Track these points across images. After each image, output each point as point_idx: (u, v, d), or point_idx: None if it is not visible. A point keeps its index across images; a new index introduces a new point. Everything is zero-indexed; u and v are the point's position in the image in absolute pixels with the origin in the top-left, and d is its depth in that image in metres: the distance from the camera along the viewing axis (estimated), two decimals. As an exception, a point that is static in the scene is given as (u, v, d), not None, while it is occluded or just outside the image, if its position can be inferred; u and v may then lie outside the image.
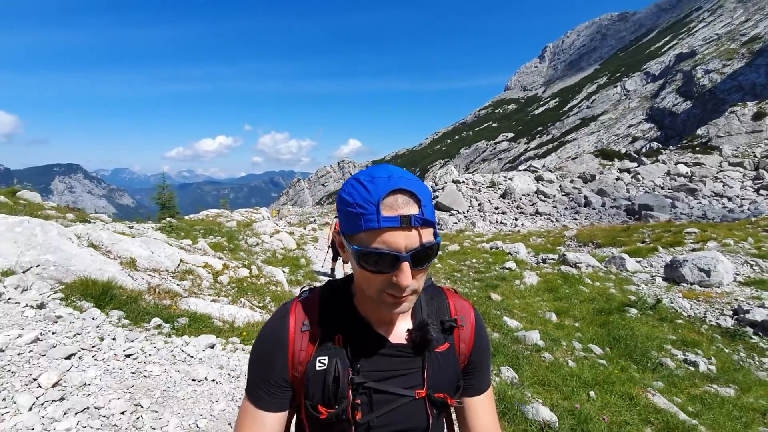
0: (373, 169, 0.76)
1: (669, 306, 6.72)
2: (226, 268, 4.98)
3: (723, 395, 3.99)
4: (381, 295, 0.75)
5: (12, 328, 2.43)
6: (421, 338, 0.85)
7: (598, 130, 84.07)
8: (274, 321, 0.89)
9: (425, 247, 0.71)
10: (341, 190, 0.77)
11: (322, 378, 0.82)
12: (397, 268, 0.70)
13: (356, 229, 0.71)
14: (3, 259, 3.26)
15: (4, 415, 1.84)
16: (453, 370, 0.91)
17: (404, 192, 0.71)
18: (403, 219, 0.69)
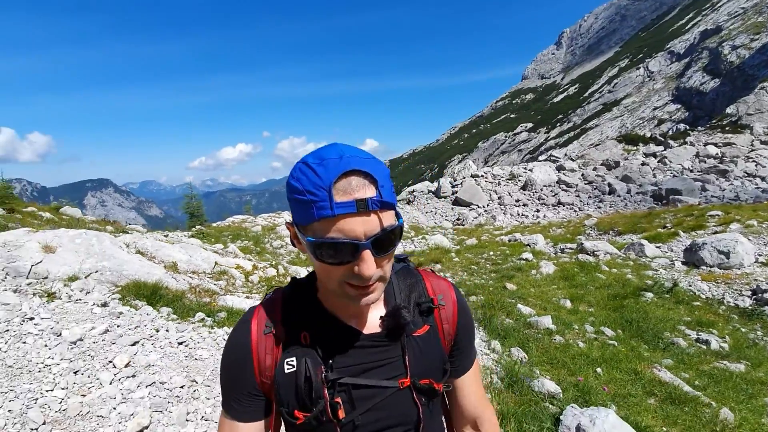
0: (323, 149, 0.69)
1: (687, 289, 6.78)
2: (256, 268, 5.47)
3: (732, 370, 4.14)
4: (344, 287, 0.70)
5: (86, 323, 2.91)
6: (395, 324, 0.80)
7: (621, 114, 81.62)
8: (236, 328, 0.83)
9: (387, 231, 0.66)
10: (289, 177, 0.70)
11: (293, 381, 0.77)
12: (357, 258, 0.65)
13: (309, 219, 0.65)
14: (68, 266, 3.78)
15: (91, 388, 2.30)
16: (437, 353, 0.87)
17: (358, 173, 0.64)
18: (359, 203, 0.63)
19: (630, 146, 37.44)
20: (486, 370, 3.46)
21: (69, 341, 2.62)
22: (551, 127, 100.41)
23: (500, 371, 3.44)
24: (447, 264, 8.46)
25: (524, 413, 2.86)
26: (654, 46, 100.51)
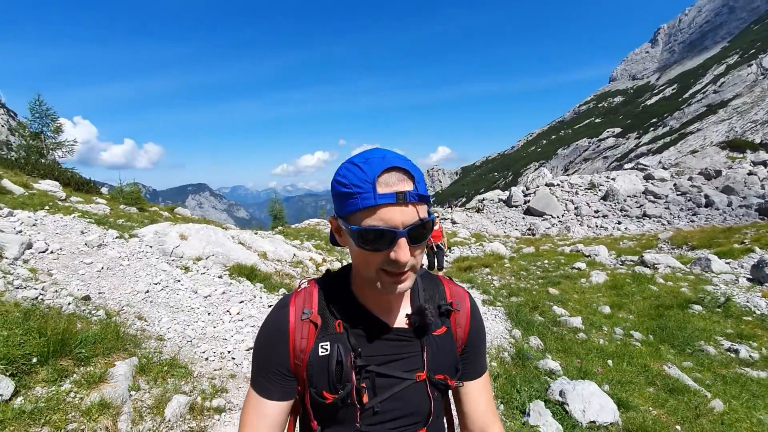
0: (366, 151, 0.77)
1: (743, 304, 6.65)
2: (325, 261, 6.72)
3: (751, 375, 4.33)
4: (380, 275, 0.76)
5: (210, 287, 4.29)
6: (420, 321, 0.86)
7: (729, 117, 72.59)
8: (274, 312, 0.89)
9: (422, 222, 0.73)
10: (335, 176, 0.78)
11: (325, 363, 0.83)
12: (395, 245, 0.71)
13: (353, 209, 0.72)
14: (195, 250, 5.30)
15: (217, 324, 3.59)
16: (451, 353, 0.93)
17: (398, 169, 0.72)
18: (398, 195, 0.70)
19: (735, 153, 33.41)
20: (500, 349, 4.20)
21: (202, 296, 3.99)
22: (643, 131, 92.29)
23: (512, 350, 4.16)
24: (496, 268, 9.04)
25: (522, 379, 3.60)
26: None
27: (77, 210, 7.67)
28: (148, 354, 2.65)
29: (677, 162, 36.24)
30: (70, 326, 2.41)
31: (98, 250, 4.38)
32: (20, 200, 8.36)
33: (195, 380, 2.62)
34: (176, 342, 3.09)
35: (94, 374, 2.22)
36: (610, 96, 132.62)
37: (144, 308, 3.48)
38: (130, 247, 4.74)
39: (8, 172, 11.93)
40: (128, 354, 2.53)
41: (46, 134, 18.29)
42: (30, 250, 3.86)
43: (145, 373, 2.45)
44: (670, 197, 26.45)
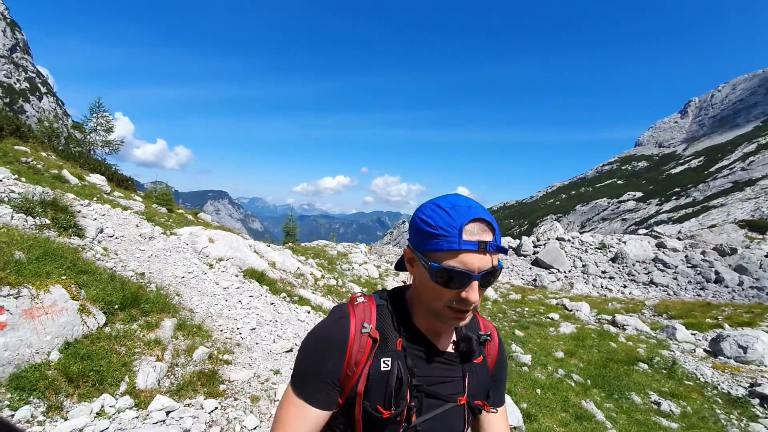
0: (451, 197, 0.86)
1: (690, 371, 7.37)
2: (323, 277, 7.83)
3: (661, 424, 5.15)
4: (445, 309, 0.83)
5: (228, 281, 5.47)
6: (467, 348, 0.94)
7: (756, 196, 71.82)
8: (332, 322, 0.93)
9: (494, 269, 0.81)
10: (420, 213, 0.86)
11: (385, 379, 0.86)
12: (468, 286, 0.79)
13: (436, 248, 0.80)
14: (219, 252, 6.53)
15: (231, 308, 4.73)
16: (486, 380, 1.01)
17: (482, 221, 0.80)
18: (480, 244, 0.78)
19: (755, 234, 33.14)
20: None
21: (222, 287, 5.16)
22: (665, 199, 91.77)
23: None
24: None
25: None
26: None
27: (119, 204, 9.05)
28: (184, 318, 3.78)
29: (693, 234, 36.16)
30: (140, 290, 3.60)
31: (149, 241, 5.65)
32: (75, 189, 9.83)
33: (213, 341, 3.74)
34: (201, 315, 4.23)
35: (152, 322, 3.37)
36: (634, 160, 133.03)
37: (180, 288, 4.66)
38: (171, 242, 6.00)
39: (67, 164, 13.67)
40: (171, 315, 3.67)
41: (99, 132, 20.40)
42: (102, 234, 5.13)
43: (181, 330, 3.58)
44: (679, 268, 26.34)
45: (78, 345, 2.78)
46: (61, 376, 2.53)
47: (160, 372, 2.92)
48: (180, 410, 2.61)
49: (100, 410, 2.40)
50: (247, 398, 3.06)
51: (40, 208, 4.37)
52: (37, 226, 4.12)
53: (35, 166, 10.84)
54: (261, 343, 4.14)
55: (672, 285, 24.41)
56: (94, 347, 2.82)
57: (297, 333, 4.80)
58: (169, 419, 2.51)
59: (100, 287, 3.31)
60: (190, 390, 2.91)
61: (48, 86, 60.92)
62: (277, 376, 3.56)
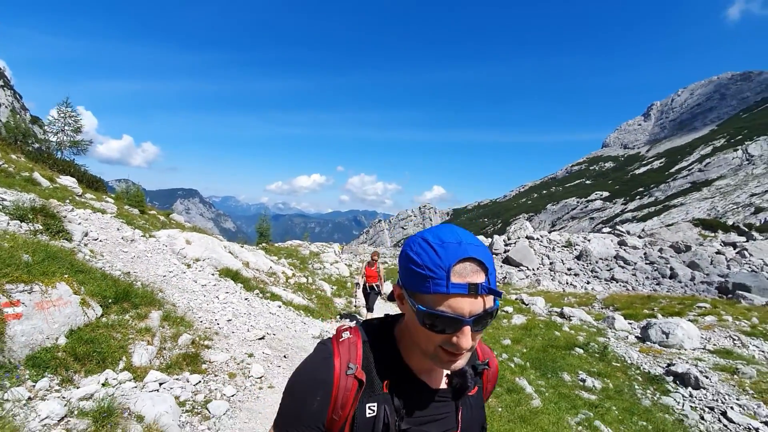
0: (441, 231, 0.79)
1: (620, 354, 8.43)
2: (294, 275, 8.45)
3: (581, 396, 6.09)
4: (437, 351, 0.78)
5: (205, 280, 6.04)
6: (461, 384, 0.90)
7: (712, 196, 76.42)
8: (316, 361, 0.89)
9: (487, 312, 0.75)
10: (408, 248, 0.81)
11: (371, 424, 0.84)
12: (459, 330, 0.74)
13: (423, 290, 0.75)
14: (196, 253, 7.05)
15: (210, 303, 5.33)
16: (481, 412, 0.99)
17: (473, 260, 0.74)
18: (471, 287, 0.72)
19: (707, 232, 35.31)
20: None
21: (200, 285, 5.73)
22: (629, 198, 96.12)
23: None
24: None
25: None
26: (756, 129, 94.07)
27: (92, 207, 9.36)
28: (168, 311, 4.35)
29: (652, 232, 38.32)
30: (129, 286, 4.16)
31: (131, 243, 6.13)
32: (47, 192, 10.03)
33: (194, 330, 4.33)
34: (183, 309, 4.80)
35: (141, 314, 3.95)
36: (601, 160, 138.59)
37: (163, 285, 5.20)
38: (150, 244, 6.49)
39: (37, 166, 13.66)
40: (157, 308, 4.24)
41: (67, 132, 20.16)
42: (86, 237, 5.59)
43: (167, 321, 4.16)
44: (638, 265, 27.85)
45: (81, 332, 3.36)
46: (69, 356, 3.11)
47: (152, 353, 3.53)
48: (170, 382, 3.23)
49: (105, 381, 2.99)
50: (225, 375, 3.70)
51: (31, 214, 4.83)
52: (31, 232, 4.58)
53: (6, 169, 10.96)
54: (237, 332, 4.77)
55: (631, 281, 25.95)
56: (95, 334, 3.40)
57: (269, 324, 5.44)
58: (162, 389, 3.13)
59: (95, 284, 3.87)
60: (177, 368, 3.53)
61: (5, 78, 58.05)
62: (250, 358, 4.21)
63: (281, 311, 6.20)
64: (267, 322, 5.50)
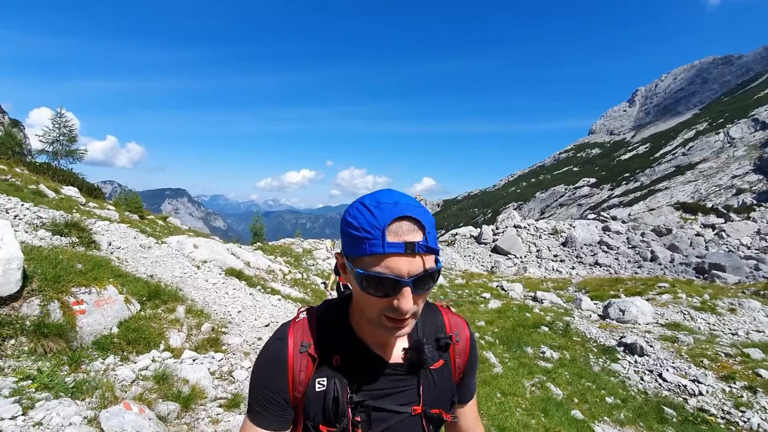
0: (379, 193, 0.78)
1: (581, 330, 9.59)
2: (290, 272, 9.45)
3: (538, 364, 7.20)
4: (381, 319, 0.77)
5: (215, 278, 7.02)
6: (416, 358, 0.89)
7: (695, 179, 78.45)
8: (272, 343, 0.91)
9: (427, 273, 0.74)
10: (346, 213, 0.79)
11: (322, 399, 0.86)
12: (398, 293, 0.73)
13: (360, 253, 0.73)
14: (203, 256, 8.00)
15: (221, 297, 6.30)
16: (448, 386, 0.97)
17: (409, 219, 0.73)
18: (407, 245, 0.71)
19: (688, 215, 36.60)
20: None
21: (211, 283, 6.70)
22: (616, 184, 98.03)
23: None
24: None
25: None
26: (737, 112, 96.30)
27: (96, 215, 10.19)
28: (190, 305, 5.32)
29: (636, 217, 39.61)
30: (158, 286, 5.12)
31: (148, 250, 7.05)
32: (54, 203, 10.83)
33: (212, 320, 5.31)
34: (200, 303, 5.77)
35: (170, 308, 4.92)
36: (588, 147, 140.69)
37: (181, 285, 6.15)
38: (164, 250, 7.42)
39: (41, 178, 14.39)
40: (181, 303, 5.21)
41: (62, 142, 20.76)
42: (110, 246, 6.50)
43: (190, 313, 5.13)
44: (621, 249, 28.76)
45: (127, 323, 4.33)
46: (123, 341, 4.08)
47: (183, 338, 4.51)
48: (201, 359, 4.22)
49: (153, 359, 3.96)
50: (241, 353, 4.69)
51: (66, 229, 5.73)
52: (70, 244, 5.49)
53: (15, 183, 11.73)
54: (246, 321, 5.76)
55: (614, 265, 27.02)
56: (138, 324, 4.37)
57: (271, 314, 6.44)
58: (195, 363, 4.11)
59: (132, 285, 4.83)
60: (203, 349, 4.52)
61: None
62: (259, 341, 5.20)
63: (281, 303, 7.20)
64: (270, 312, 6.49)
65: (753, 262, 21.15)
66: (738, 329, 9.63)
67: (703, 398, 6.59)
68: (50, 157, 20.08)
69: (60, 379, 2.90)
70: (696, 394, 6.72)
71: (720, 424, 5.90)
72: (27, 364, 3.05)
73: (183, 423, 2.92)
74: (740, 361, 7.49)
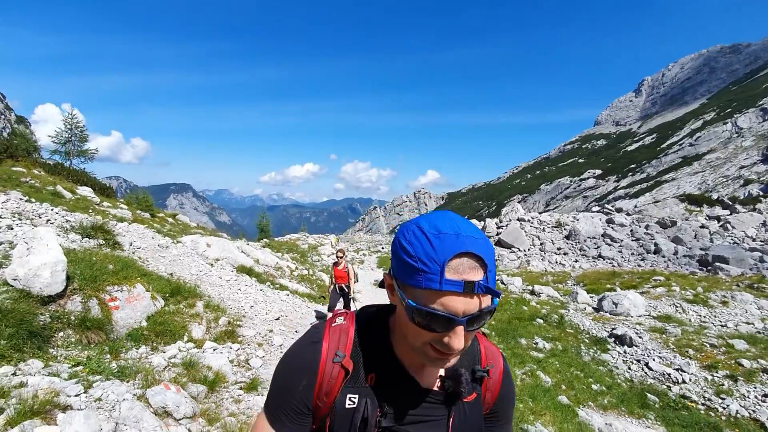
0: (438, 220, 0.74)
1: (575, 322, 10.04)
2: (297, 269, 9.98)
3: (530, 353, 7.67)
4: (426, 349, 0.74)
5: (227, 275, 7.55)
6: (453, 388, 0.84)
7: (702, 170, 77.82)
8: (305, 345, 0.87)
9: (483, 312, 0.70)
10: (401, 235, 0.75)
11: (350, 416, 0.82)
12: (450, 330, 0.69)
13: (414, 284, 0.70)
14: (215, 254, 8.52)
15: (234, 294, 6.82)
16: (478, 422, 0.92)
17: (471, 255, 0.69)
18: (466, 285, 0.67)
19: (693, 206, 36.44)
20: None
21: (225, 280, 7.23)
22: (622, 176, 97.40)
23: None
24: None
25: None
26: (745, 101, 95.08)
27: (111, 214, 10.72)
28: (207, 301, 5.84)
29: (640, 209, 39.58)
30: (178, 283, 5.64)
31: (165, 249, 7.58)
32: (71, 203, 11.38)
33: (228, 314, 5.83)
34: (216, 299, 6.29)
35: (190, 303, 5.44)
36: (594, 138, 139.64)
37: (197, 282, 6.68)
38: (180, 249, 7.96)
39: (57, 179, 14.98)
40: (200, 299, 5.73)
41: (74, 143, 21.36)
42: (132, 246, 7.03)
43: (208, 308, 5.65)
44: (624, 242, 28.65)
45: (154, 317, 4.85)
46: (152, 333, 4.60)
47: (203, 330, 5.03)
48: (220, 348, 4.73)
49: (179, 348, 4.48)
50: (255, 344, 5.20)
51: (92, 232, 6.26)
52: (98, 246, 6.02)
53: (34, 185, 12.31)
54: (258, 315, 6.27)
55: (617, 257, 27.06)
56: (163, 318, 4.89)
57: (281, 308, 6.96)
58: (216, 353, 4.62)
59: (156, 283, 5.35)
60: (222, 340, 5.04)
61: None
62: (271, 333, 5.71)
63: (289, 298, 7.71)
64: (279, 307, 7.00)
65: (757, 254, 20.93)
66: (728, 321, 10.03)
67: (685, 386, 7.04)
68: (62, 157, 20.69)
69: (106, 365, 3.41)
70: (679, 382, 7.16)
71: (700, 410, 6.36)
72: (75, 353, 3.57)
73: (211, 401, 3.43)
74: (724, 352, 7.91)
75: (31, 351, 3.29)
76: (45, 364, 3.18)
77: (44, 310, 3.71)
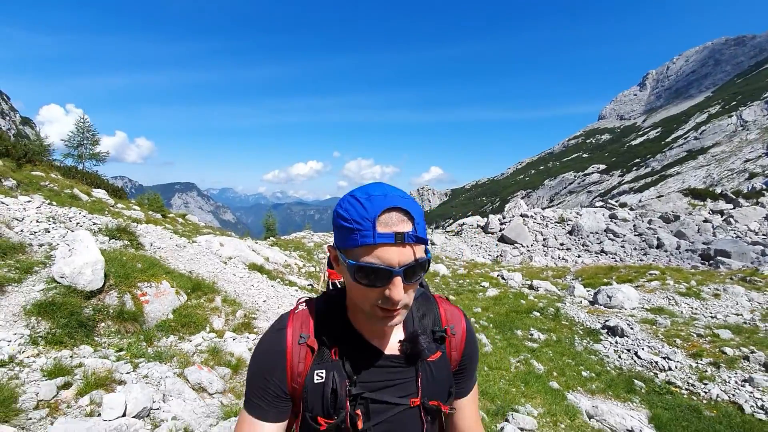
0: (369, 186, 0.80)
1: (570, 315, 10.50)
2: (304, 266, 10.52)
3: (525, 344, 8.16)
4: (374, 309, 0.80)
5: (241, 273, 8.09)
6: (412, 350, 0.90)
7: (708, 163, 77.55)
8: (271, 333, 0.93)
9: (417, 262, 0.76)
10: (337, 206, 0.81)
11: (320, 390, 0.87)
12: (390, 282, 0.75)
13: (352, 244, 0.76)
14: (229, 253, 9.06)
15: (248, 290, 7.36)
16: (446, 378, 0.98)
17: (399, 210, 0.75)
18: (397, 235, 0.73)
19: (696, 201, 36.31)
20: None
21: (239, 277, 7.78)
22: (626, 170, 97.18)
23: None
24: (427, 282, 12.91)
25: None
26: (750, 94, 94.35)
27: (125, 216, 11.25)
28: (225, 296, 6.36)
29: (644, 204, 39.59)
30: (198, 280, 6.18)
31: (183, 249, 8.13)
32: (89, 205, 11.95)
33: (243, 308, 6.35)
34: (231, 294, 6.82)
35: (210, 298, 5.97)
36: (598, 133, 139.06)
37: (214, 279, 7.21)
38: (195, 248, 8.50)
39: (73, 182, 15.60)
40: (218, 294, 6.26)
41: (86, 146, 22.02)
42: (152, 246, 7.58)
43: (226, 302, 6.18)
44: (627, 237, 28.54)
45: (179, 310, 5.38)
46: (178, 325, 5.13)
47: (223, 322, 5.56)
48: (239, 338, 5.26)
49: (203, 338, 5.01)
50: (269, 334, 5.74)
51: (117, 233, 6.80)
52: (123, 246, 6.56)
53: (53, 189, 12.91)
54: (271, 309, 6.79)
55: (620, 252, 27.16)
56: (187, 311, 5.42)
57: (291, 303, 7.47)
58: (235, 341, 5.15)
59: (178, 280, 5.88)
60: (239, 331, 5.56)
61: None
62: (283, 325, 6.27)
63: (298, 294, 8.23)
64: (289, 302, 7.52)
65: (759, 248, 21.09)
66: (717, 313, 10.44)
67: (671, 373, 7.50)
68: (75, 160, 21.37)
69: (144, 350, 3.95)
70: (666, 369, 7.63)
71: (683, 394, 6.82)
72: (116, 341, 4.11)
73: (236, 381, 3.95)
74: (710, 341, 8.35)
75: (81, 338, 3.82)
76: (94, 349, 3.71)
77: (87, 304, 4.25)
